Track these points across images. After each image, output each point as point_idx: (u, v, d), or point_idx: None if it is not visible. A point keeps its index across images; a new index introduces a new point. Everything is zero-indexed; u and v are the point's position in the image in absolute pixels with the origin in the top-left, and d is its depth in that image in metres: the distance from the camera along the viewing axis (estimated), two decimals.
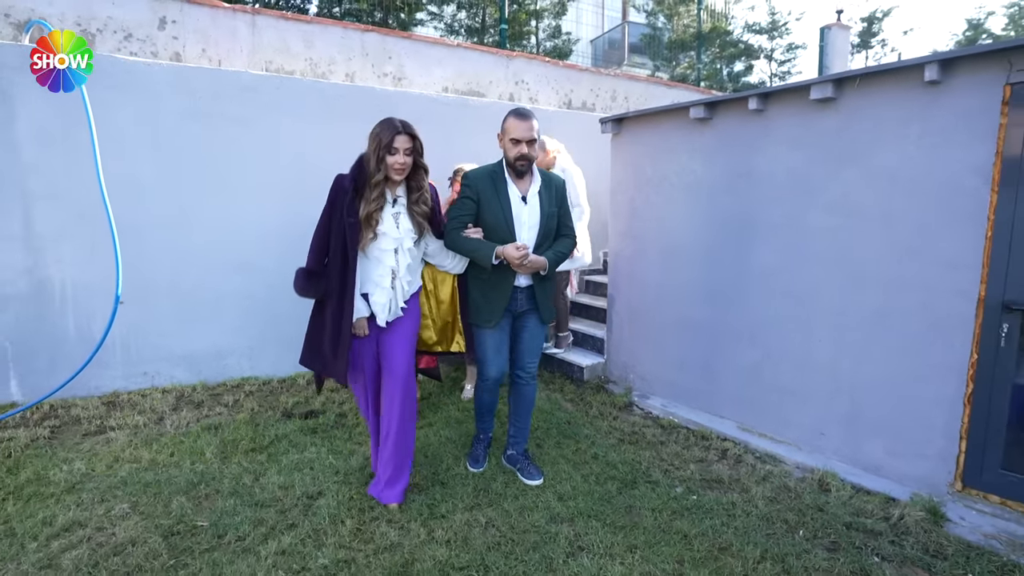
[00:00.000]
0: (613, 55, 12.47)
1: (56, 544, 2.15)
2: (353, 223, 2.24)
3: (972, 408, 2.54)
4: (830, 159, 2.95)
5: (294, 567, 2.07)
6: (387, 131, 2.24)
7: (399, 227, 2.36)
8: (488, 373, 2.71)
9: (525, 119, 2.50)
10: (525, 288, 2.66)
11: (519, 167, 2.53)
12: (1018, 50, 2.30)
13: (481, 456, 2.92)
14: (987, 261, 2.46)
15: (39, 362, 3.49)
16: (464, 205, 2.56)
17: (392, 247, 2.36)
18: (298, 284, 2.31)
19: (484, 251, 2.47)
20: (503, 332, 2.66)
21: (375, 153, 2.23)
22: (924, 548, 2.29)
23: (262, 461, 2.89)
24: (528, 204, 2.59)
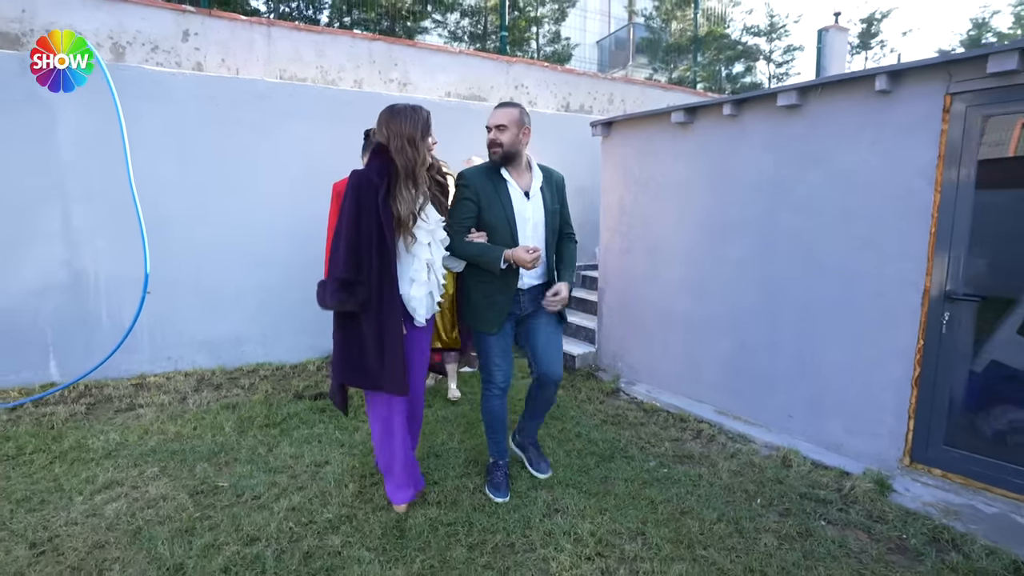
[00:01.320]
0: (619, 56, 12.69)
1: (98, 498, 2.48)
2: (388, 217, 2.08)
3: (919, 390, 2.78)
4: (796, 161, 3.19)
5: (302, 520, 2.37)
6: (422, 113, 2.15)
7: (428, 219, 2.25)
8: (495, 379, 2.54)
9: (500, 107, 2.44)
10: (529, 290, 2.53)
11: (491, 154, 2.43)
12: (957, 63, 2.53)
13: (502, 483, 2.64)
14: (931, 255, 2.69)
15: (75, 346, 3.84)
16: (464, 207, 2.41)
17: (426, 240, 2.24)
18: (330, 297, 2.07)
19: (491, 255, 2.34)
20: (507, 336, 2.53)
21: (419, 132, 2.12)
22: (868, 514, 2.53)
23: (275, 435, 3.20)
24: (531, 200, 2.49)
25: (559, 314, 2.63)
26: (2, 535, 2.20)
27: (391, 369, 2.13)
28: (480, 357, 2.57)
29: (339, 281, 2.07)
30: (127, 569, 2.02)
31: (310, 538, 2.24)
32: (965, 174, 2.58)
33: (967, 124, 2.55)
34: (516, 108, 2.43)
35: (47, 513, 2.36)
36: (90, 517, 2.34)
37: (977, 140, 2.54)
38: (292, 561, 2.10)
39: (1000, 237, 2.59)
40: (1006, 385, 2.98)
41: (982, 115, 2.51)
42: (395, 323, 2.15)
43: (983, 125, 2.53)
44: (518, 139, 2.43)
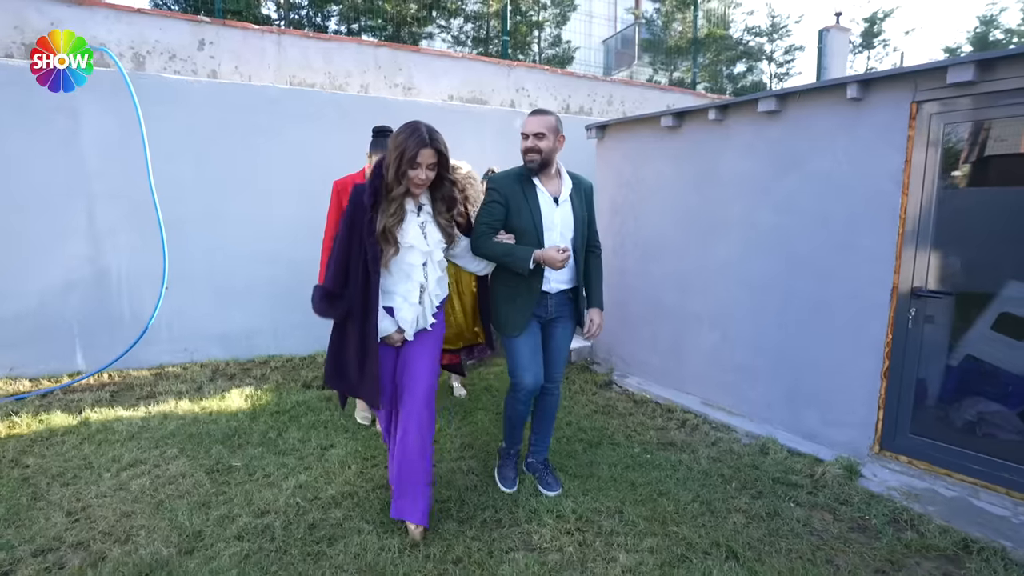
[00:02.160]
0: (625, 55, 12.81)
1: (124, 475, 2.72)
2: (374, 243, 2.05)
3: (888, 381, 2.94)
4: (776, 164, 3.35)
5: (308, 496, 2.59)
6: (413, 143, 2.02)
7: (427, 238, 2.18)
8: (524, 382, 2.49)
9: (536, 115, 2.42)
10: (556, 294, 2.51)
11: (527, 162, 2.41)
12: (922, 73, 2.68)
13: (511, 475, 2.73)
14: (899, 254, 2.84)
15: (99, 338, 4.10)
16: (492, 210, 2.41)
17: (420, 261, 2.17)
18: (317, 305, 2.15)
19: (520, 255, 2.32)
20: (535, 336, 2.51)
21: (396, 164, 2.02)
22: (835, 498, 2.70)
23: (284, 421, 3.43)
24: (560, 207, 2.46)
25: (578, 321, 2.64)
26: (41, 504, 2.45)
27: (368, 381, 2.14)
28: (508, 361, 2.53)
29: (324, 291, 2.12)
30: (152, 535, 2.25)
31: (315, 511, 2.46)
32: (930, 178, 2.73)
33: (931, 130, 2.70)
34: (552, 116, 2.43)
35: (79, 487, 2.60)
36: (117, 491, 2.58)
37: (940, 145, 2.69)
38: (298, 531, 2.32)
39: (962, 238, 2.74)
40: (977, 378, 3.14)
41: (944, 122, 2.66)
42: (373, 339, 2.13)
43: (946, 131, 2.68)
44: (554, 147, 2.42)
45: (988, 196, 2.73)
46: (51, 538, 2.22)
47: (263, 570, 2.07)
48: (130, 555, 2.13)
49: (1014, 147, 2.60)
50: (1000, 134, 2.60)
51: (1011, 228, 2.60)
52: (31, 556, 2.11)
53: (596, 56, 10.52)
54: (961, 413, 3.06)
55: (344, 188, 3.12)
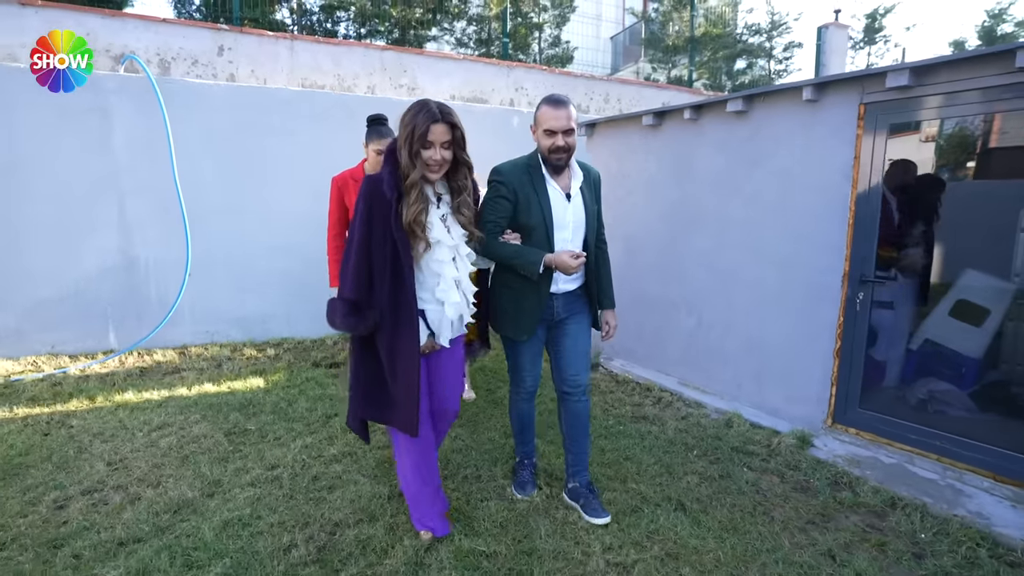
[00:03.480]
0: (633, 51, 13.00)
1: (154, 434, 3.11)
2: (403, 236, 1.86)
3: (840, 360, 3.20)
4: (744, 161, 3.61)
5: (313, 454, 2.95)
6: (422, 119, 1.83)
7: (451, 231, 2.00)
8: (524, 384, 2.44)
9: (560, 106, 2.16)
10: (564, 294, 2.34)
11: (555, 161, 2.19)
12: (868, 77, 2.93)
13: (528, 481, 2.59)
14: (849, 243, 3.10)
15: (129, 320, 4.51)
16: (499, 206, 2.20)
17: (450, 256, 2.00)
18: (342, 320, 1.90)
19: (530, 258, 2.13)
20: (538, 342, 2.39)
21: (407, 145, 1.84)
22: (786, 464, 2.98)
23: (294, 394, 3.80)
24: (572, 202, 2.27)
25: (592, 319, 2.50)
26: (85, 456, 2.84)
27: (403, 404, 1.93)
28: (508, 361, 2.46)
29: (349, 303, 1.88)
30: (179, 481, 2.63)
31: (318, 466, 2.82)
32: (876, 173, 2.98)
33: (876, 129, 2.95)
34: (571, 104, 2.21)
35: (116, 443, 2.99)
36: (149, 447, 2.97)
37: (884, 143, 2.94)
38: (303, 481, 2.67)
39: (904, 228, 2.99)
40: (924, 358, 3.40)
41: (888, 122, 2.92)
42: (411, 352, 1.90)
43: (888, 130, 2.93)
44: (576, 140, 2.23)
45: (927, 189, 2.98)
46: (95, 482, 2.61)
47: (272, 510, 2.43)
48: (161, 496, 2.50)
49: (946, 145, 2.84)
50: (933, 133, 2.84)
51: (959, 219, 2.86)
52: (80, 495, 2.50)
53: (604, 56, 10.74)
54: (913, 391, 3.32)
55: (344, 183, 3.05)
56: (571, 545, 2.25)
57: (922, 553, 2.26)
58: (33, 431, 3.10)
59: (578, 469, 2.54)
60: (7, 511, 2.35)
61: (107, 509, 2.40)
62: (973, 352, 3.38)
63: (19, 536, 2.19)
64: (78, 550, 2.11)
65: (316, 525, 2.33)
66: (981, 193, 3.13)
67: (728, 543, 2.28)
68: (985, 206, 3.18)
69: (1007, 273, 3.15)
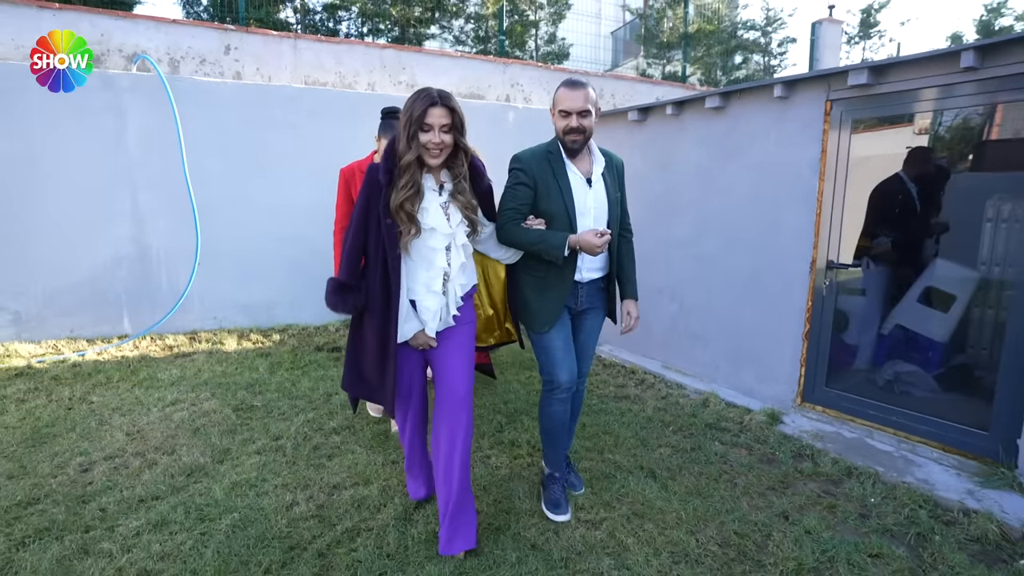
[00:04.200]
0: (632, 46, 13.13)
1: (168, 409, 3.36)
2: (391, 224, 1.87)
3: (808, 342, 3.40)
4: (721, 155, 3.80)
5: (314, 427, 3.18)
6: (420, 102, 1.83)
7: (450, 220, 1.96)
8: (560, 379, 2.28)
9: (576, 88, 2.11)
10: (588, 283, 2.30)
11: (570, 143, 2.15)
12: (833, 76, 3.12)
13: (561, 499, 2.41)
14: (817, 232, 3.30)
15: (142, 306, 4.77)
16: (519, 193, 2.15)
17: (443, 244, 1.96)
18: (329, 298, 1.96)
19: (553, 241, 2.08)
20: (566, 328, 2.31)
21: (406, 129, 1.84)
22: (755, 438, 3.20)
23: (298, 375, 4.04)
24: (593, 188, 2.23)
25: (608, 312, 2.47)
26: (106, 427, 3.09)
27: (388, 385, 1.97)
28: (540, 359, 2.34)
29: (336, 283, 1.95)
30: (191, 449, 2.87)
31: (318, 437, 3.06)
32: (841, 165, 3.17)
33: (841, 125, 3.14)
34: (590, 87, 2.16)
35: (134, 417, 3.24)
36: (163, 421, 3.21)
37: (849, 138, 3.13)
38: (304, 450, 2.91)
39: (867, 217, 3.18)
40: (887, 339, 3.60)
41: (852, 118, 3.10)
42: (393, 336, 1.95)
43: (852, 126, 3.11)
44: (594, 124, 2.18)
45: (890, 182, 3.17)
46: (116, 449, 2.85)
47: (276, 474, 2.67)
48: (176, 461, 2.75)
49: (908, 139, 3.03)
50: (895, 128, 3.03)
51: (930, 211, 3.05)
52: (103, 460, 2.75)
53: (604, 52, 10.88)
54: (881, 373, 3.53)
55: (352, 174, 3.11)
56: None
57: (868, 514, 2.47)
58: (57, 406, 3.36)
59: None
60: (39, 472, 2.61)
61: (127, 472, 2.64)
62: (940, 336, 3.58)
63: (51, 493, 2.44)
64: (103, 505, 2.36)
65: (316, 487, 2.56)
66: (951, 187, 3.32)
67: (691, 505, 2.50)
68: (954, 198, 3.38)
69: (974, 262, 3.34)
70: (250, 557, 2.06)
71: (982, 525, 2.32)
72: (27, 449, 2.83)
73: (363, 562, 2.05)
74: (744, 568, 2.09)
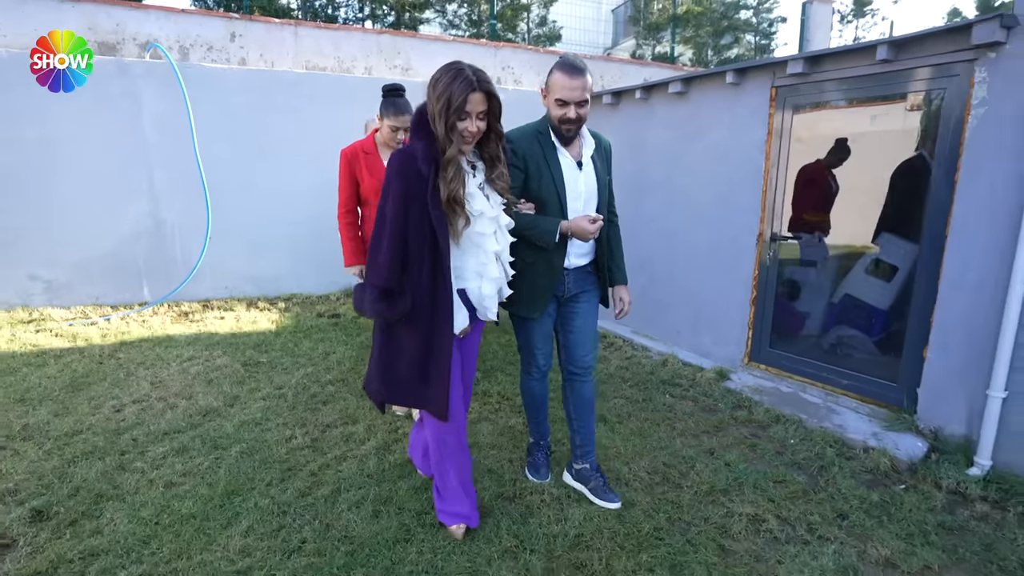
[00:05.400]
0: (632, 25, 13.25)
1: (185, 364, 3.82)
2: (441, 215, 1.76)
3: (755, 308, 3.77)
4: (685, 137, 4.12)
5: (312, 380, 3.62)
6: (459, 88, 1.69)
7: (490, 201, 1.88)
8: (537, 363, 2.37)
9: (575, 75, 2.00)
10: (575, 269, 2.26)
11: (565, 132, 2.09)
12: (776, 64, 3.42)
13: (543, 464, 2.55)
14: (764, 207, 3.64)
15: (159, 276, 5.22)
16: (511, 175, 2.04)
17: (491, 229, 1.89)
18: (372, 307, 1.79)
19: (545, 227, 2.06)
20: (550, 318, 2.30)
21: (442, 117, 1.70)
22: (702, 392, 3.59)
23: (300, 337, 4.48)
24: (583, 171, 2.17)
25: (601, 296, 2.42)
26: (133, 378, 3.56)
27: (436, 387, 1.85)
28: (519, 340, 2.38)
29: (379, 290, 1.78)
30: (206, 396, 3.33)
31: (315, 387, 3.50)
32: (785, 147, 3.50)
33: (784, 110, 3.45)
34: (588, 72, 2.06)
35: (156, 370, 3.71)
36: (181, 373, 3.68)
37: (791, 122, 3.45)
38: (303, 397, 3.35)
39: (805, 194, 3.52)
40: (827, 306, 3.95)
41: (793, 104, 3.41)
42: (447, 335, 1.83)
43: (793, 111, 3.43)
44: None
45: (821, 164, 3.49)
46: (142, 394, 3.32)
47: (278, 415, 3.12)
48: (193, 405, 3.21)
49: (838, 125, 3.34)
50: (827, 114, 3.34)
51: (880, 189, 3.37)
52: (131, 403, 3.21)
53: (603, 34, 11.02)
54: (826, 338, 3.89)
55: (353, 155, 2.93)
56: (505, 440, 2.90)
57: (783, 451, 2.87)
58: (90, 361, 3.83)
59: (586, 450, 2.44)
60: (80, 412, 3.08)
61: (153, 412, 3.11)
62: (882, 304, 3.93)
63: (91, 427, 2.91)
64: (135, 436, 2.82)
65: (311, 425, 3.01)
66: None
67: (631, 443, 2.92)
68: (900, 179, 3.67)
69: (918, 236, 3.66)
70: (255, 475, 2.51)
71: (876, 459, 2.72)
72: (68, 394, 3.30)
73: (347, 479, 2.49)
74: (664, 489, 2.51)
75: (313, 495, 2.38)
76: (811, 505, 2.40)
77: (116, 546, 2.02)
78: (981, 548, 2.14)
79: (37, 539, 2.05)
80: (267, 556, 1.99)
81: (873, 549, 2.11)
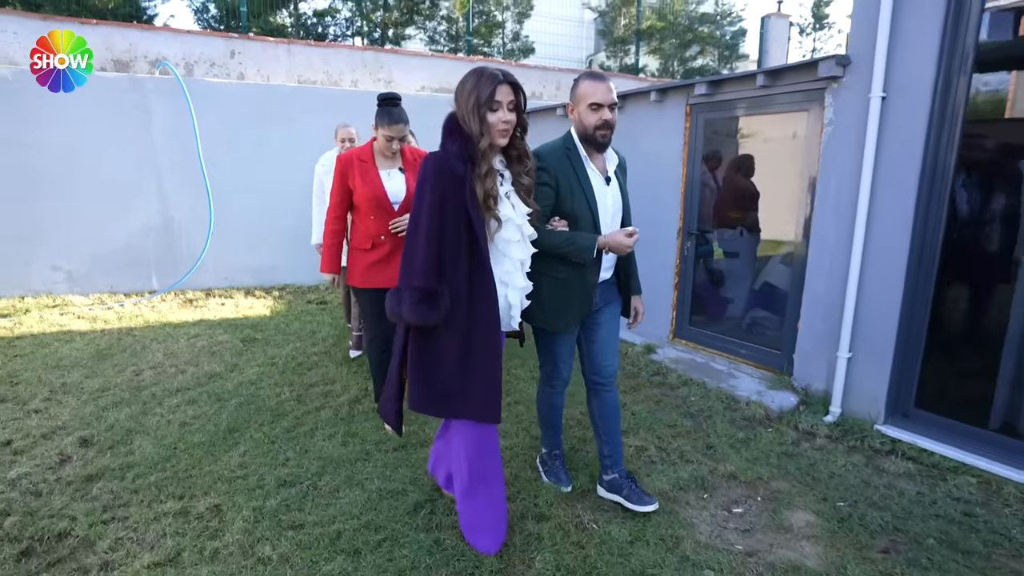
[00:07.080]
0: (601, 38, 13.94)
1: (192, 340, 4.47)
2: (479, 213, 1.76)
3: (678, 292, 4.42)
4: (627, 145, 4.73)
5: (300, 352, 4.27)
6: (486, 82, 1.74)
7: (515, 208, 1.88)
8: (562, 375, 2.37)
9: (601, 80, 2.07)
10: (601, 284, 2.27)
11: (600, 138, 2.09)
12: (689, 86, 4.07)
13: (563, 472, 2.55)
14: (682, 206, 4.29)
15: (166, 267, 5.86)
16: (541, 194, 2.04)
17: (516, 236, 1.89)
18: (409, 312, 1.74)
19: (583, 243, 2.03)
20: (576, 332, 2.32)
21: (474, 113, 1.74)
22: (629, 363, 4.24)
23: (291, 319, 5.14)
24: (611, 186, 2.20)
25: (621, 307, 2.46)
26: (148, 351, 4.21)
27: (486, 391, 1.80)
28: (542, 354, 2.37)
29: (420, 292, 1.73)
30: (211, 364, 3.97)
31: (302, 358, 4.15)
32: (696, 157, 4.15)
33: (696, 125, 4.11)
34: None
35: (167, 344, 4.36)
36: (189, 347, 4.33)
37: (702, 135, 4.10)
38: (291, 365, 4.00)
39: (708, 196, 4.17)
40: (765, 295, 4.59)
41: (704, 119, 4.07)
42: (495, 335, 1.80)
43: (702, 126, 4.08)
44: None
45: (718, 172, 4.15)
46: (157, 362, 3.97)
47: (270, 378, 3.76)
48: (199, 370, 3.86)
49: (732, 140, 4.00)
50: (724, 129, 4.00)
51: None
52: (148, 368, 3.86)
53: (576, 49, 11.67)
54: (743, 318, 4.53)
55: (348, 163, 2.93)
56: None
57: (682, 406, 3.52)
58: (110, 337, 4.48)
59: (615, 460, 2.44)
60: (106, 375, 3.73)
61: (166, 375, 3.76)
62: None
63: (117, 385, 3.56)
64: (153, 391, 3.47)
65: (297, 385, 3.66)
66: None
67: None
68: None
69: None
70: (251, 418, 3.16)
71: (754, 410, 3.37)
72: (95, 362, 3.95)
73: (324, 421, 3.14)
74: (577, 431, 3.15)
75: (296, 431, 3.03)
76: (688, 440, 3.05)
77: (145, 461, 2.67)
78: (806, 466, 2.79)
79: (86, 456, 2.71)
80: (259, 468, 2.65)
81: (722, 467, 2.77)
